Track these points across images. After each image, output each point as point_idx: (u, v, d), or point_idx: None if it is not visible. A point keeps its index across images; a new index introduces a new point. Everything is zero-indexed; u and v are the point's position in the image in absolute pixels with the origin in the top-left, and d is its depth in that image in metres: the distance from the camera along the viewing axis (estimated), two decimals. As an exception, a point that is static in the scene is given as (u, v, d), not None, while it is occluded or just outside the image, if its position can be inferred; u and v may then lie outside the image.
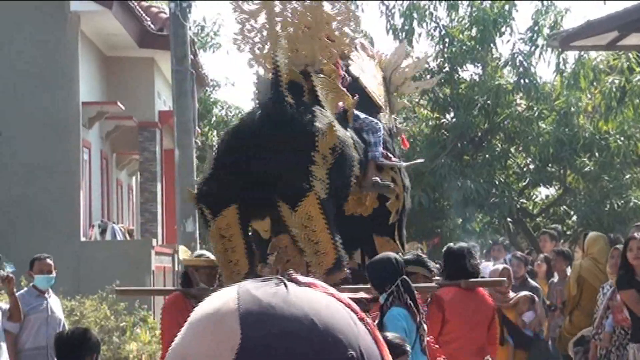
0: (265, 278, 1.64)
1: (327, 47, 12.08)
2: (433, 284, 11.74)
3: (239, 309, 1.56)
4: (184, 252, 12.36)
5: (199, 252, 12.91)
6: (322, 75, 12.10)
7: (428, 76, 25.15)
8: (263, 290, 1.60)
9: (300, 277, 1.66)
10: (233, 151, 11.29)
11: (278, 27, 12.26)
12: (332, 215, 11.02)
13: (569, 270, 17.45)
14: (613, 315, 14.19)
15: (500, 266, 15.27)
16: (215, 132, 36.20)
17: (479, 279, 11.88)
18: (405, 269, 10.05)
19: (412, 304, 9.49)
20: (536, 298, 15.24)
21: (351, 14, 12.65)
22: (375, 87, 12.91)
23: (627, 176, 27.56)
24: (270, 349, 1.55)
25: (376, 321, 9.85)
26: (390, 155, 12.42)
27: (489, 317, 11.69)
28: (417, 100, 28.19)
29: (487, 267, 18.32)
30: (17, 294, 13.44)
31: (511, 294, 14.45)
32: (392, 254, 10.33)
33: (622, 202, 27.10)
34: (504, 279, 13.46)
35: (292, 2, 12.70)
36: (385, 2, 29.68)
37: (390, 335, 7.91)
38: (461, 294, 11.46)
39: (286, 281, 1.63)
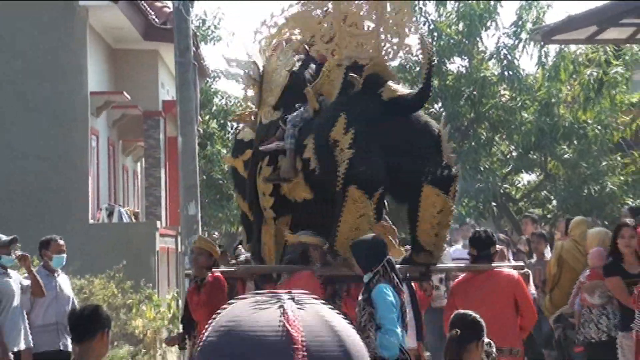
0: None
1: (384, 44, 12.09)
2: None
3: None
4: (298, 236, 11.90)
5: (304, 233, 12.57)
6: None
7: (417, 68, 25.20)
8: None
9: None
10: (387, 136, 11.29)
11: (344, 21, 12.32)
12: None
13: (547, 252, 17.55)
14: (580, 295, 14.31)
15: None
16: (215, 121, 36.23)
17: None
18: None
19: (397, 281, 9.56)
20: (531, 276, 15.22)
21: (407, 14, 12.64)
22: None
23: (604, 163, 27.55)
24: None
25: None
26: None
27: (509, 296, 11.50)
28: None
29: (454, 250, 18.35)
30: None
31: None
32: (377, 236, 10.32)
33: (599, 187, 27.12)
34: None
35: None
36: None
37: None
38: (473, 279, 11.57)
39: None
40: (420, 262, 11.37)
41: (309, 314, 1.62)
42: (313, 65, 12.14)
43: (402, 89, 12.23)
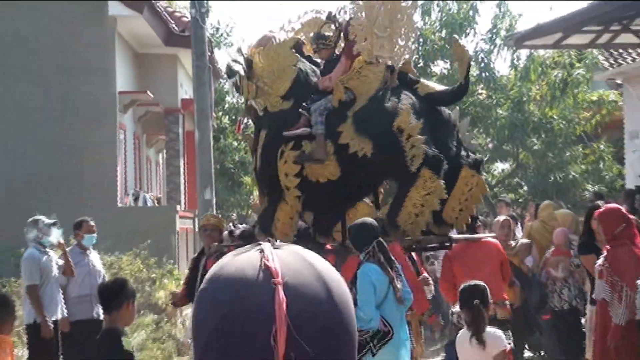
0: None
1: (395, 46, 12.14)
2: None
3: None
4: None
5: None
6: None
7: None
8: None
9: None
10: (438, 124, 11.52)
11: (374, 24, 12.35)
12: None
13: (518, 231, 17.60)
14: (546, 269, 14.37)
15: (501, 218, 15.06)
16: (227, 117, 36.22)
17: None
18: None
19: (385, 261, 9.48)
20: (533, 246, 15.20)
21: (409, 21, 12.69)
22: None
23: (567, 154, 27.60)
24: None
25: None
26: None
27: (497, 263, 11.94)
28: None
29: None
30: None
31: (512, 243, 14.34)
32: (369, 219, 10.18)
33: (563, 175, 27.17)
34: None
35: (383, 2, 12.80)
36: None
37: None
38: (467, 248, 11.88)
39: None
40: (440, 233, 11.49)
41: (286, 252, 1.63)
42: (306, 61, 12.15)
43: (437, 86, 12.47)
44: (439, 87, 12.40)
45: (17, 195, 19.51)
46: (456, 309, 9.60)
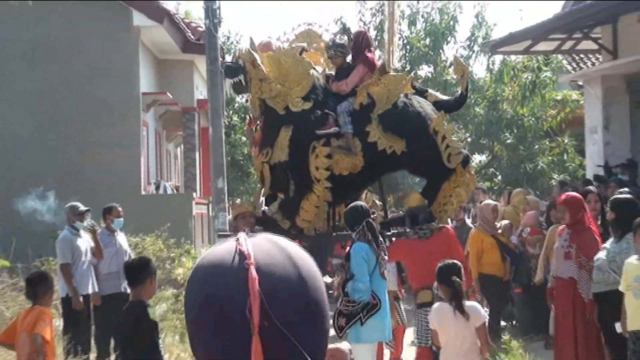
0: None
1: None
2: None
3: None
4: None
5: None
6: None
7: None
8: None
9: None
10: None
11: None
12: None
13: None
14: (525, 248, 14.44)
15: (491, 203, 15.06)
16: (237, 115, 36.21)
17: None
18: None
19: (373, 240, 9.56)
20: (513, 227, 15.18)
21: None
22: None
23: (536, 147, 27.64)
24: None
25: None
26: None
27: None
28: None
29: None
30: (94, 234, 13.72)
31: (497, 224, 14.38)
32: (360, 203, 10.32)
33: (533, 165, 27.25)
34: None
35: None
36: (363, 18, 29.90)
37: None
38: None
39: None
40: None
41: (259, 239, 1.65)
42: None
43: (439, 95, 12.89)
44: (442, 97, 12.81)
45: (55, 184, 19.60)
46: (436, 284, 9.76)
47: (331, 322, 11.21)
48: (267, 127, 11.84)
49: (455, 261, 8.24)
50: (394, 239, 11.34)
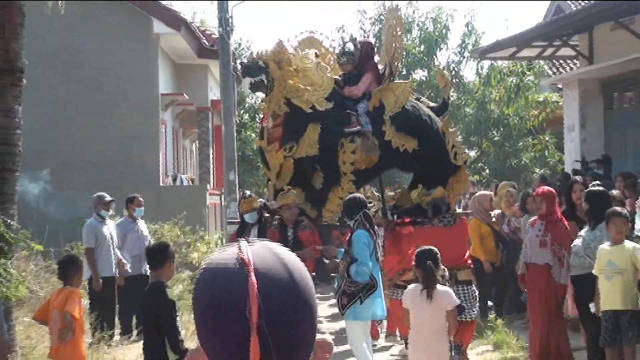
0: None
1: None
2: None
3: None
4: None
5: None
6: None
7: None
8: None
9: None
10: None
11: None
12: None
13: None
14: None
15: (489, 194, 14.99)
16: (247, 114, 36.28)
17: None
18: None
19: (370, 228, 9.62)
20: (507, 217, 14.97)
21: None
22: None
23: (520, 144, 27.68)
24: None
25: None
26: None
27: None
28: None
29: None
30: (118, 221, 13.75)
31: (491, 213, 14.26)
32: (358, 195, 10.34)
33: (517, 160, 27.30)
34: None
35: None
36: (363, 27, 29.98)
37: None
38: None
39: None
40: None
41: (258, 247, 1.67)
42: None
43: (430, 102, 13.30)
44: (431, 103, 13.15)
45: (86, 176, 19.72)
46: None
47: (335, 301, 11.45)
48: (289, 124, 11.77)
49: (432, 247, 8.10)
50: (416, 226, 11.65)
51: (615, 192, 11.63)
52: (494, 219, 14.25)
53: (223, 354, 1.60)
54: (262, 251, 1.65)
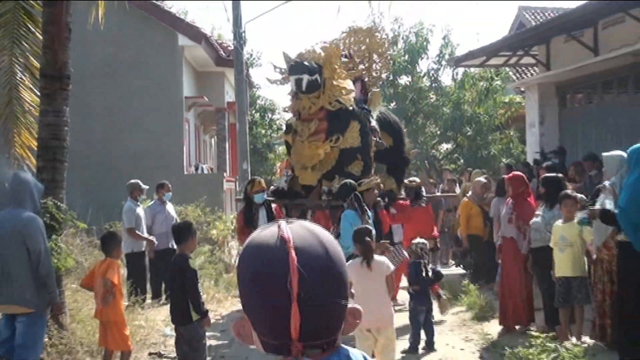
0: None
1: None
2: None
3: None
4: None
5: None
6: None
7: (380, 82, 25.31)
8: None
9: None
10: None
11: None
12: None
13: (457, 189, 17.82)
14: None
15: (483, 179, 14.51)
16: (258, 114, 36.36)
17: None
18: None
19: (359, 209, 9.68)
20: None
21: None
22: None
23: (489, 138, 27.76)
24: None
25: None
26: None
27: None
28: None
29: None
30: (149, 204, 13.84)
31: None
32: (349, 181, 10.49)
33: (487, 152, 27.41)
34: None
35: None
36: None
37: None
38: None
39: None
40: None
41: (296, 226, 1.62)
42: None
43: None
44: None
45: (121, 166, 19.77)
46: (416, 240, 9.77)
47: None
48: (332, 119, 11.73)
49: (367, 226, 8.03)
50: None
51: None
52: (486, 201, 14.18)
53: (266, 322, 1.56)
54: (299, 229, 1.61)
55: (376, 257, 7.42)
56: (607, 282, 8.29)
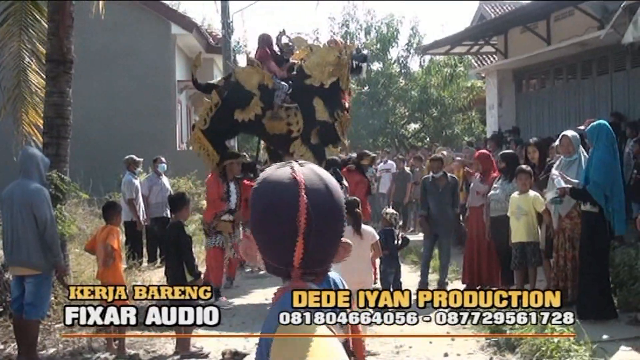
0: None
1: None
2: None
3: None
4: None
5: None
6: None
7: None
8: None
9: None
10: None
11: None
12: None
13: (423, 165, 17.85)
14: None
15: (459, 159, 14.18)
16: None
17: None
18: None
19: (339, 181, 9.74)
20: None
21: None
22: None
23: (453, 118, 27.94)
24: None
25: None
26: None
27: None
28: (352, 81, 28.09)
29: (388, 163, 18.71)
30: (146, 176, 13.77)
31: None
32: (333, 156, 10.53)
33: (451, 131, 27.61)
34: None
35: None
36: (332, 30, 29.95)
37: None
38: None
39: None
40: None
41: (306, 169, 1.64)
42: None
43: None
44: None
45: (119, 143, 19.66)
46: (389, 210, 9.80)
47: None
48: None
49: (356, 198, 8.07)
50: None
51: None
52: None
53: (273, 249, 1.61)
54: (308, 172, 1.63)
55: (364, 226, 7.49)
56: (568, 248, 8.37)
